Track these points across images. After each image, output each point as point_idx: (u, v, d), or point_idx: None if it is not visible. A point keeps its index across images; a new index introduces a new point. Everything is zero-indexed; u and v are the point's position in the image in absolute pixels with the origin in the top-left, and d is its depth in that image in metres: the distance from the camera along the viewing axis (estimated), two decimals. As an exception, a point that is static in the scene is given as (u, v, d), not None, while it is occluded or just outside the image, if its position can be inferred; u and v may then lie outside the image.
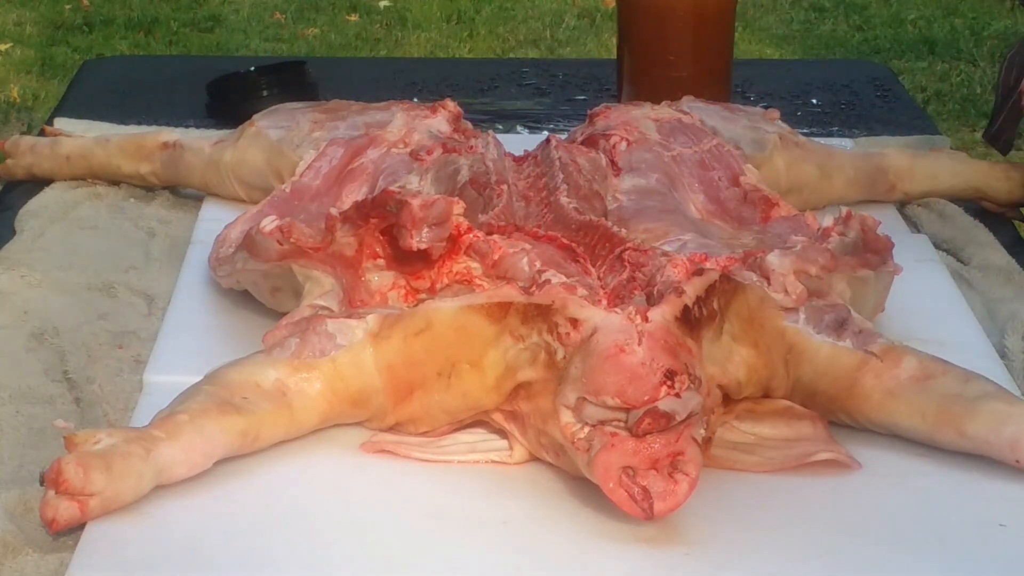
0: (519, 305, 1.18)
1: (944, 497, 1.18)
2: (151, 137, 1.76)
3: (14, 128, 3.74)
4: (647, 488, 1.10)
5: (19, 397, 1.30)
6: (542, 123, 2.04)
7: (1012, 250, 1.63)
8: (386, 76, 2.25)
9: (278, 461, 1.19)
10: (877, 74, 2.30)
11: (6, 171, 1.80)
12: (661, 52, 1.94)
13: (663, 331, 1.13)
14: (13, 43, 4.38)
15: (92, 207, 1.71)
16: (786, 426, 1.24)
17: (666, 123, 1.60)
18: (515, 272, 1.25)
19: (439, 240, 1.26)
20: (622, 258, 1.30)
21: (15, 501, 1.15)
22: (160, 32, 4.50)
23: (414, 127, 1.59)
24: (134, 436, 1.13)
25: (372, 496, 1.16)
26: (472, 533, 1.12)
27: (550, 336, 1.16)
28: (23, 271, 1.53)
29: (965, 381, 1.22)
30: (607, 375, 1.11)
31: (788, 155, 1.63)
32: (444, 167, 1.50)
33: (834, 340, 1.24)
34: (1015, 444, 1.18)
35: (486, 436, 1.23)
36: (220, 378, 1.20)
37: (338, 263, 1.29)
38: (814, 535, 1.13)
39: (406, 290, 1.29)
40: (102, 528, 1.10)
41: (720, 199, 1.52)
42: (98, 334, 1.42)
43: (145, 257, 1.60)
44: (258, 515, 1.13)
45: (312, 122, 1.64)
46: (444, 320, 1.19)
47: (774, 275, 1.25)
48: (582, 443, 1.12)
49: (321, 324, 1.22)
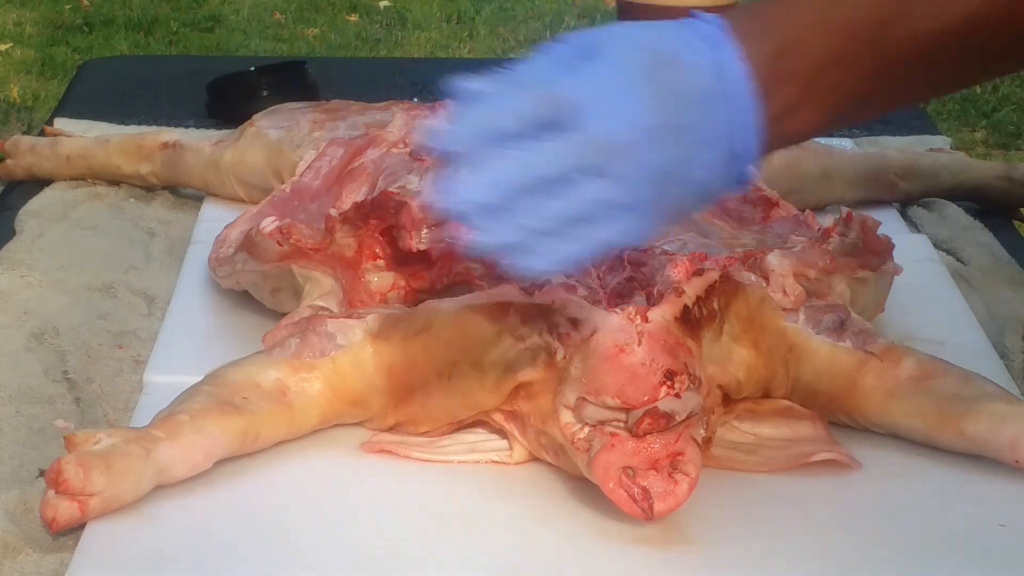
0: (519, 305, 1.18)
1: (944, 497, 1.18)
2: (151, 137, 1.76)
3: (14, 128, 3.74)
4: (647, 488, 1.10)
5: (19, 397, 1.30)
6: (542, 123, 2.04)
7: (1012, 250, 1.63)
8: (386, 76, 2.25)
9: (278, 461, 1.19)
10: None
11: (6, 171, 1.80)
12: (661, 52, 1.94)
13: (663, 331, 1.13)
14: (13, 43, 4.38)
15: (92, 207, 1.71)
16: (786, 426, 1.24)
17: (666, 123, 1.60)
18: (515, 272, 1.25)
19: (439, 241, 1.26)
20: (622, 258, 1.30)
21: (15, 501, 1.15)
22: (160, 32, 4.51)
23: (414, 127, 1.59)
24: (134, 436, 1.13)
25: (372, 496, 1.16)
26: (472, 533, 1.12)
27: (550, 336, 1.16)
28: (23, 271, 1.53)
29: (965, 381, 1.22)
30: (607, 375, 1.11)
31: (788, 155, 1.63)
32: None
33: (834, 340, 1.24)
34: (1015, 444, 1.17)
35: (486, 436, 1.23)
36: (220, 378, 1.20)
37: (338, 264, 1.29)
38: (814, 535, 1.13)
39: (406, 291, 1.29)
40: (102, 528, 1.10)
41: (720, 199, 1.51)
42: (98, 334, 1.42)
43: (145, 257, 1.60)
44: (258, 515, 1.13)
45: (312, 122, 1.64)
46: (444, 320, 1.19)
47: (773, 275, 1.25)
48: (582, 443, 1.12)
49: (321, 324, 1.22)
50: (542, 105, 0.93)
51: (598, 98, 0.94)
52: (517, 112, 0.94)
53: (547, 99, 0.93)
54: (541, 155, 0.93)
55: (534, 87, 0.94)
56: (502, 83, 0.95)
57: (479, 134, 0.94)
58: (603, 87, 0.94)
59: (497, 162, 0.93)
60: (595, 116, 0.93)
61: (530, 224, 0.94)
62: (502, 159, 0.93)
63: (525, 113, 0.93)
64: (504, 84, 0.95)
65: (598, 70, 0.95)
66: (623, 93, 0.94)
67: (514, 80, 0.95)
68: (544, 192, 0.93)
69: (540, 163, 0.93)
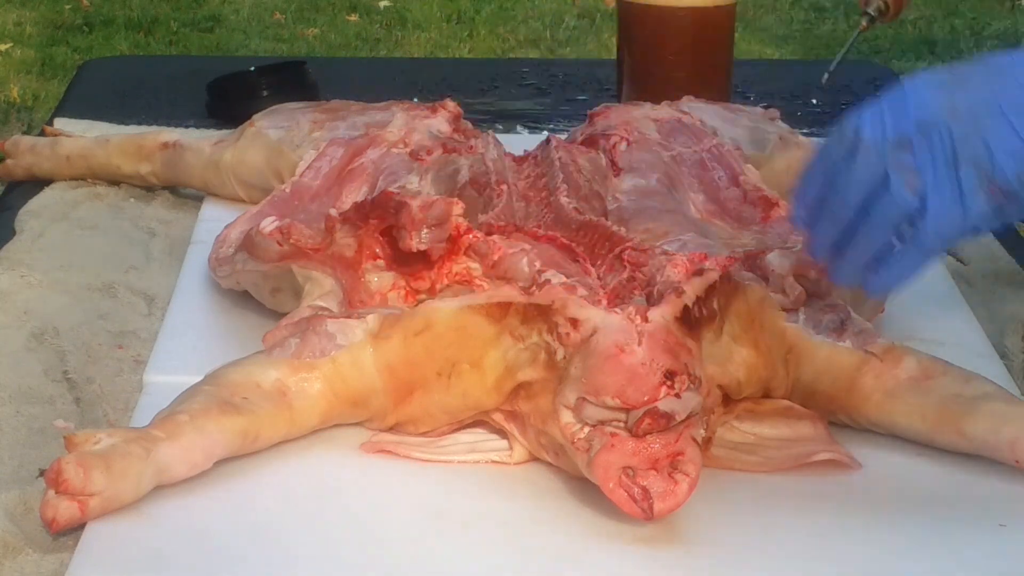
0: (519, 305, 1.18)
1: (944, 497, 1.18)
2: (151, 137, 1.76)
3: (14, 128, 3.74)
4: (647, 488, 1.10)
5: (19, 397, 1.30)
6: (542, 123, 2.04)
7: (1012, 250, 1.63)
8: (386, 76, 2.25)
9: (278, 461, 1.19)
10: (877, 74, 2.30)
11: (6, 171, 1.80)
12: (661, 52, 1.94)
13: (663, 331, 1.13)
14: (13, 43, 4.38)
15: (92, 207, 1.71)
16: (786, 426, 1.24)
17: (666, 123, 1.60)
18: (515, 272, 1.26)
19: (439, 241, 1.26)
20: (622, 258, 1.30)
21: (15, 501, 1.15)
22: (160, 32, 4.51)
23: (414, 127, 1.59)
24: (134, 436, 1.13)
25: (372, 496, 1.16)
26: (472, 533, 1.12)
27: (550, 336, 1.16)
28: (23, 271, 1.53)
29: (965, 381, 1.22)
30: (607, 375, 1.11)
31: (788, 155, 1.63)
32: (444, 167, 1.50)
33: (834, 340, 1.24)
34: (1015, 444, 1.17)
35: (486, 436, 1.23)
36: (220, 378, 1.20)
37: (338, 264, 1.29)
38: (814, 535, 1.13)
39: (406, 291, 1.29)
40: (102, 528, 1.10)
41: (720, 199, 1.52)
42: (98, 334, 1.42)
43: (145, 257, 1.60)
44: (258, 515, 1.13)
45: (312, 122, 1.64)
46: (444, 320, 1.19)
47: (773, 275, 1.25)
48: (582, 443, 1.12)
49: (321, 324, 1.22)
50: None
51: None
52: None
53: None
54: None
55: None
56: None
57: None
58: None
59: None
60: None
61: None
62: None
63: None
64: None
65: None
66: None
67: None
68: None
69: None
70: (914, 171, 1.08)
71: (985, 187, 1.08)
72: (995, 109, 1.07)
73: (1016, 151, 1.07)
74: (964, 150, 1.07)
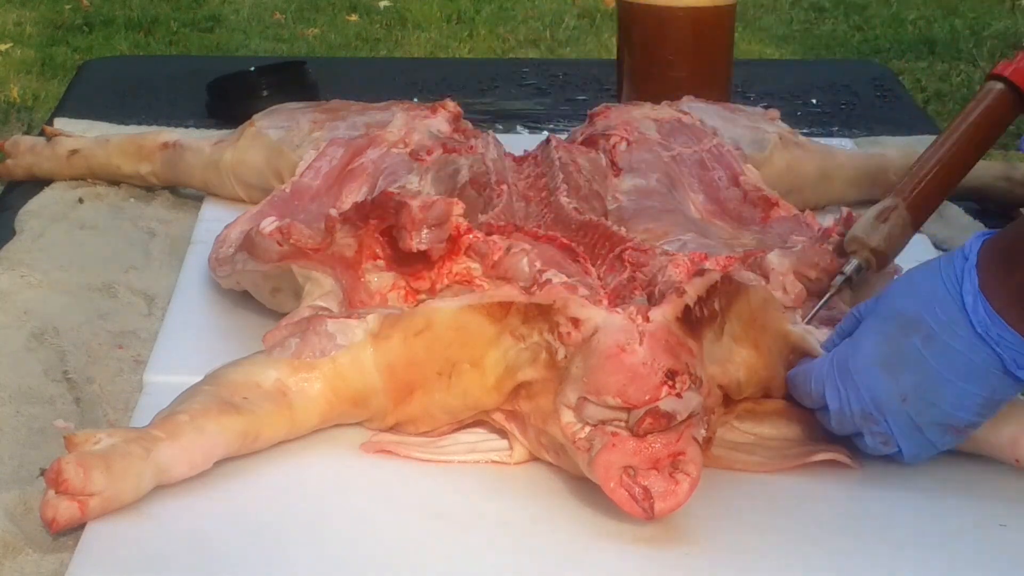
0: (520, 305, 1.18)
1: (944, 497, 1.18)
2: (151, 137, 1.76)
3: (14, 128, 3.73)
4: (648, 488, 1.10)
5: (19, 397, 1.30)
6: (542, 123, 2.04)
7: (1012, 250, 1.63)
8: (386, 76, 2.25)
9: (278, 461, 1.19)
10: (877, 74, 2.30)
11: (6, 171, 1.80)
12: (661, 52, 1.94)
13: (664, 331, 1.13)
14: (13, 43, 4.38)
15: (92, 207, 1.71)
16: (786, 426, 1.23)
17: (666, 123, 1.60)
18: (515, 272, 1.25)
19: (439, 241, 1.26)
20: (622, 258, 1.30)
21: (15, 501, 1.15)
22: (160, 32, 4.50)
23: (414, 127, 1.59)
24: (134, 436, 1.13)
25: (372, 496, 1.16)
26: (472, 533, 1.12)
27: (551, 336, 1.16)
28: (23, 271, 1.53)
29: (965, 381, 1.22)
30: (608, 375, 1.11)
31: (788, 155, 1.63)
32: (444, 167, 1.50)
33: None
34: (1015, 444, 1.17)
35: (486, 436, 1.23)
36: (220, 378, 1.20)
37: (338, 264, 1.29)
38: (814, 535, 1.13)
39: (406, 291, 1.29)
40: (102, 528, 1.10)
41: (720, 199, 1.52)
42: (98, 334, 1.42)
43: (145, 257, 1.60)
44: (258, 515, 1.13)
45: (312, 122, 1.64)
46: (444, 320, 1.19)
47: (773, 274, 1.25)
48: (583, 443, 1.12)
49: (321, 324, 1.22)
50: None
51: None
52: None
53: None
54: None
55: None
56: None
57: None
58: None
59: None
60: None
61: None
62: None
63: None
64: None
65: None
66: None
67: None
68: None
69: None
70: (883, 433, 1.17)
71: (950, 432, 1.16)
72: (939, 379, 1.13)
73: (969, 405, 1.13)
74: (923, 419, 1.15)
